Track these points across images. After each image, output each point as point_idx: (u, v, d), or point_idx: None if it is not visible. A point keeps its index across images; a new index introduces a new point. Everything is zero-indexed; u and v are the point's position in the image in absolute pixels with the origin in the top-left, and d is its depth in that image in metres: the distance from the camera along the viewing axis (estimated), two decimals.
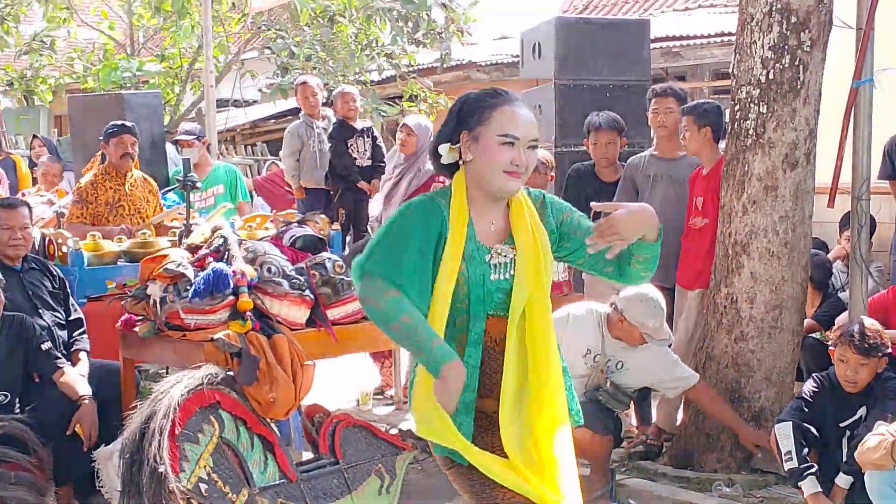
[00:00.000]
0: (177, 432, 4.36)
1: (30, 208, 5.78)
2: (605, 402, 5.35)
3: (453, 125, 3.06)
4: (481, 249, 3.02)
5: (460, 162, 3.07)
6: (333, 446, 5.05)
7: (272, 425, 4.79)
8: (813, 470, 4.81)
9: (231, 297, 4.81)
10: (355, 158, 8.52)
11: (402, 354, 7.30)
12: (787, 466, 4.86)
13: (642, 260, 3.09)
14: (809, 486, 4.78)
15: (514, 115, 2.98)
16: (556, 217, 3.13)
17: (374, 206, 7.86)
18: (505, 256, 3.04)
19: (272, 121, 17.01)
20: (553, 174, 6.80)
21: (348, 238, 8.41)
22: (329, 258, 5.25)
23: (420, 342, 2.88)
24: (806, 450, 4.88)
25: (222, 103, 14.99)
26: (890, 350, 5.09)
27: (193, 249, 5.32)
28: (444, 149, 3.06)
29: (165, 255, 5.17)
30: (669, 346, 5.51)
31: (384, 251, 2.98)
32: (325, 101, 9.27)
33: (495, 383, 2.99)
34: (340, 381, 7.33)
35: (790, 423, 4.90)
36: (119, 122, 7.26)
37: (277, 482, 4.70)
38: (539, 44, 7.59)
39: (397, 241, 2.98)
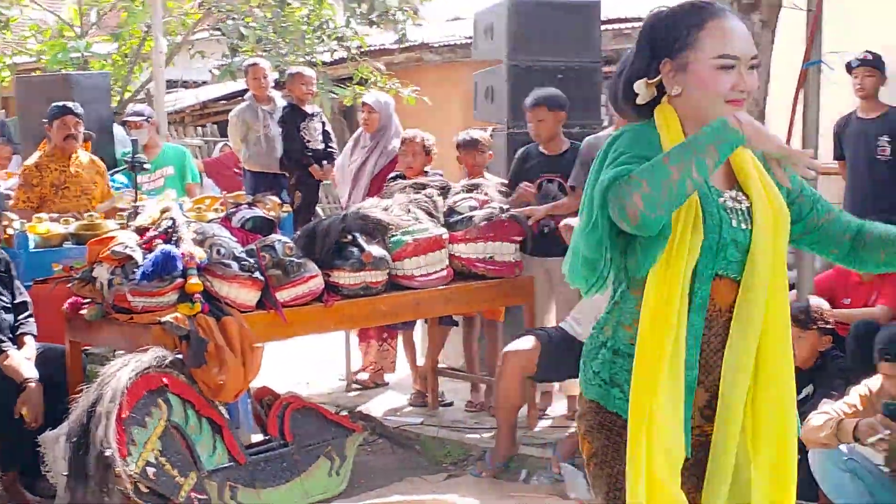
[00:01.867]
0: (124, 416, 4.33)
1: None
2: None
3: (648, 54, 2.49)
4: (712, 190, 2.45)
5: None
6: (283, 429, 5.04)
7: (221, 408, 4.77)
8: None
9: (179, 280, 4.77)
10: (308, 142, 8.45)
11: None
12: None
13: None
14: None
15: (729, 31, 2.43)
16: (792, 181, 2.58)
17: (341, 191, 7.80)
18: (739, 203, 2.47)
19: (222, 102, 16.86)
20: (491, 153, 6.82)
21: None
22: (279, 240, 5.23)
23: (693, 145, 2.30)
24: None
25: (172, 84, 14.82)
26: (832, 327, 5.14)
27: (141, 231, 5.27)
28: (640, 86, 2.49)
29: (113, 238, 5.11)
30: None
31: (598, 185, 2.37)
32: (273, 83, 9.16)
33: (711, 367, 2.44)
34: (291, 363, 7.30)
35: None
36: (62, 103, 7.15)
37: (226, 465, 4.68)
38: (491, 25, 7.57)
39: (615, 160, 2.38)
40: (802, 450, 4.51)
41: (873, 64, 6.80)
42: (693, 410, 2.43)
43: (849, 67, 6.82)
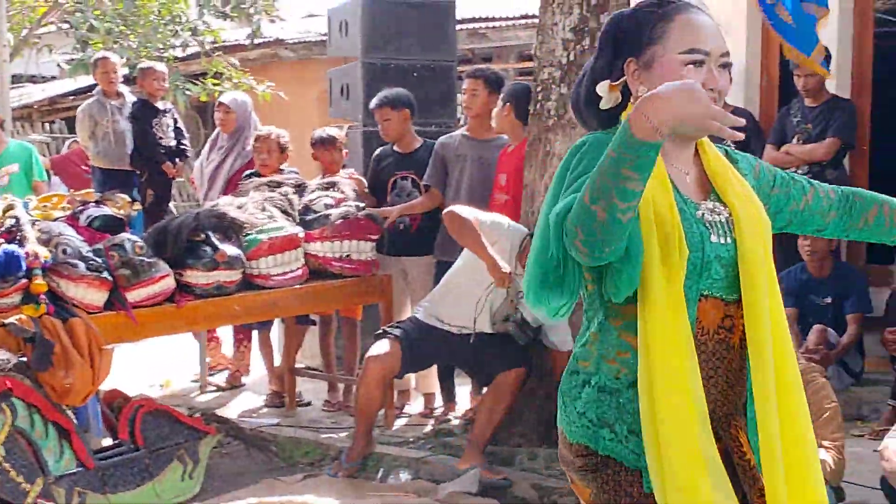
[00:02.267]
0: None
1: None
2: (513, 334, 5.33)
3: (611, 54, 2.27)
4: (688, 204, 2.22)
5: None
6: (134, 432, 4.94)
7: (68, 412, 4.64)
8: None
9: (23, 280, 4.63)
10: (161, 138, 8.29)
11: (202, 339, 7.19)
12: None
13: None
14: None
15: (698, 25, 2.22)
16: (749, 170, 2.40)
17: (199, 191, 7.67)
18: (718, 214, 2.24)
19: (71, 97, 16.43)
20: (347, 151, 6.82)
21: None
22: (129, 239, 5.11)
23: (603, 168, 1.96)
24: None
25: (18, 79, 14.38)
26: None
27: None
28: (602, 87, 2.26)
29: None
30: None
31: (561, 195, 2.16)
32: (123, 78, 8.95)
33: (705, 396, 2.18)
34: (143, 365, 7.16)
35: None
36: None
37: (74, 471, 4.56)
38: (346, 21, 7.55)
39: (574, 182, 2.14)
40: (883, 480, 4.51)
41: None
42: None
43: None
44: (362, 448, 5.44)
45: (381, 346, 5.37)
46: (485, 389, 5.57)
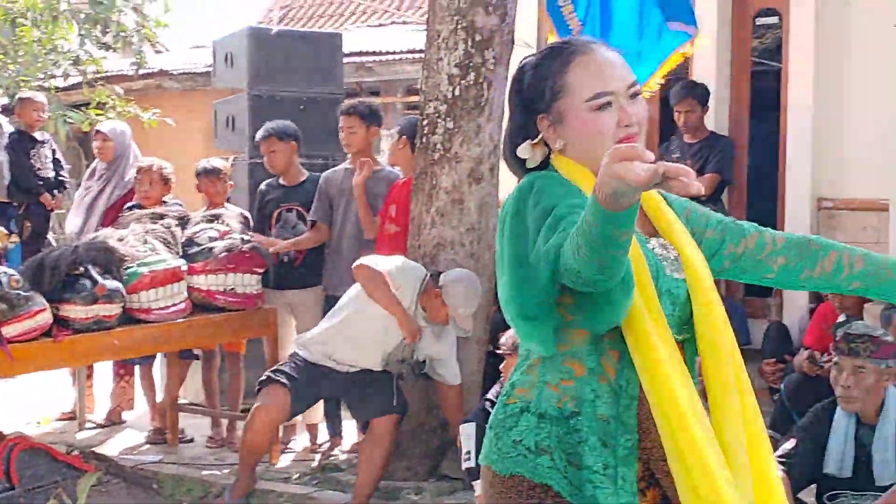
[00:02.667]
0: None
1: None
2: (405, 375, 5.34)
3: (522, 113, 2.26)
4: (639, 237, 2.16)
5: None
6: (9, 471, 4.81)
7: None
8: None
9: None
10: (39, 169, 8.10)
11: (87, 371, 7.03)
12: (464, 465, 4.98)
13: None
14: (479, 487, 4.90)
15: (597, 66, 2.18)
16: (681, 212, 2.34)
17: (73, 220, 7.48)
18: (668, 250, 2.22)
19: None
20: (232, 183, 6.75)
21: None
22: (4, 272, 4.99)
23: (584, 230, 1.84)
24: None
25: None
26: None
27: None
28: (524, 150, 2.25)
29: None
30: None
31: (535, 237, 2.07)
32: (2, 108, 8.74)
33: (647, 431, 2.14)
34: (18, 402, 6.97)
35: (474, 423, 5.04)
36: None
37: None
38: (231, 53, 7.50)
39: (544, 214, 2.07)
40: None
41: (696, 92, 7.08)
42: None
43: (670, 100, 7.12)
44: (246, 485, 5.36)
45: (269, 395, 5.27)
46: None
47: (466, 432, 5.03)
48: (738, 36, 7.44)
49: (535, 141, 2.24)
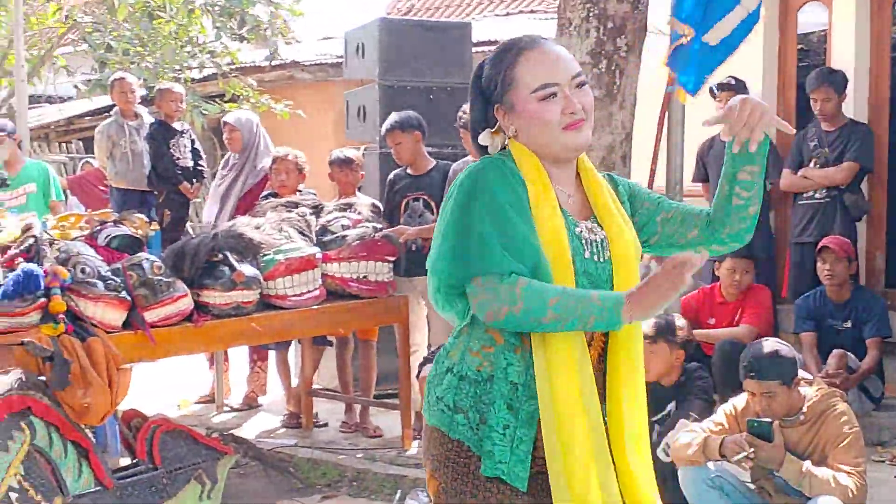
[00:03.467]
0: None
1: None
2: None
3: (480, 105, 2.52)
4: (569, 220, 2.43)
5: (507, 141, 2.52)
6: (151, 452, 4.92)
7: (87, 431, 4.64)
8: None
9: (42, 299, 4.63)
10: (178, 159, 8.31)
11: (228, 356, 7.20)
12: None
13: (747, 198, 2.55)
14: None
15: (542, 60, 2.42)
16: (627, 192, 2.63)
17: (209, 209, 7.68)
18: (595, 234, 2.45)
19: (88, 118, 16.51)
20: (363, 173, 6.83)
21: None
22: (147, 258, 5.12)
23: (581, 307, 2.27)
24: None
25: (35, 99, 14.47)
26: (681, 340, 5.20)
27: (2, 249, 5.11)
28: (485, 138, 2.52)
29: None
30: None
31: (478, 241, 2.32)
32: (141, 99, 8.98)
33: None
34: (160, 385, 7.17)
35: None
36: None
37: (92, 490, 4.55)
38: (363, 44, 7.58)
39: (486, 216, 2.33)
40: (672, 467, 4.62)
41: (735, 89, 7.00)
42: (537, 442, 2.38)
43: (712, 92, 7.01)
44: None
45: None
46: None
47: None
48: (876, 22, 7.22)
49: (494, 130, 2.51)
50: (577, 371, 2.34)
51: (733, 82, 7.01)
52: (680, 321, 5.22)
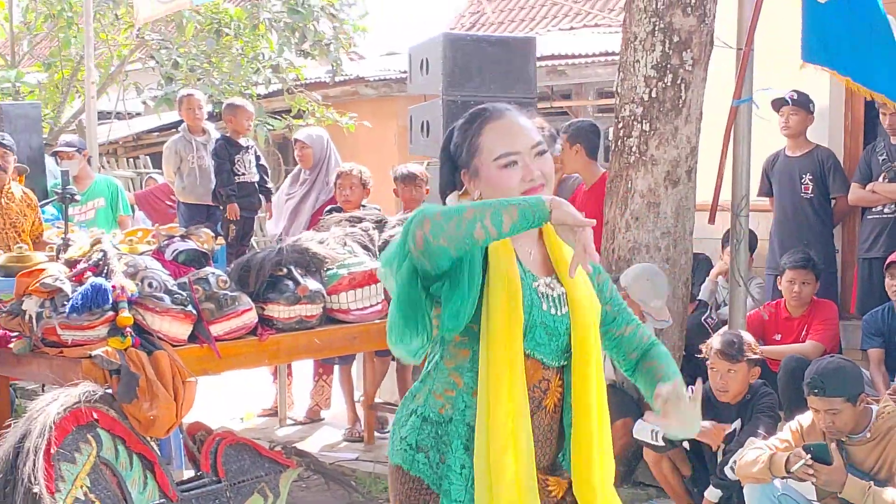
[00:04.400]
0: (52, 451, 4.23)
1: None
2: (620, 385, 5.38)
3: (449, 168, 2.68)
4: (527, 275, 2.58)
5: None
6: (216, 464, 4.96)
7: (152, 444, 4.68)
8: None
9: (110, 313, 4.69)
10: (243, 175, 8.37)
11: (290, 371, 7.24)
12: (659, 441, 4.95)
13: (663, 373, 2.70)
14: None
15: (505, 130, 2.59)
16: (595, 272, 2.73)
17: (273, 224, 7.74)
18: (552, 290, 2.60)
19: (156, 133, 16.74)
20: (429, 188, 6.84)
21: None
22: (213, 273, 5.16)
23: (500, 203, 2.37)
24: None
25: (105, 115, 14.69)
26: (758, 357, 5.20)
27: (71, 264, 5.19)
28: (452, 199, 2.66)
29: (42, 270, 5.02)
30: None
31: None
32: (208, 115, 9.07)
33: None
34: (224, 398, 7.22)
35: (640, 419, 4.99)
36: None
37: (157, 502, 4.59)
38: (427, 59, 7.60)
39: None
40: (728, 485, 4.57)
41: (799, 103, 6.93)
42: None
43: (776, 106, 6.94)
44: None
45: None
46: None
47: (639, 428, 4.98)
48: None
49: (461, 192, 2.64)
50: (515, 414, 2.44)
51: (795, 97, 6.93)
52: (750, 338, 5.17)
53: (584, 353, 2.55)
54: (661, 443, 4.89)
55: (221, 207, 8.44)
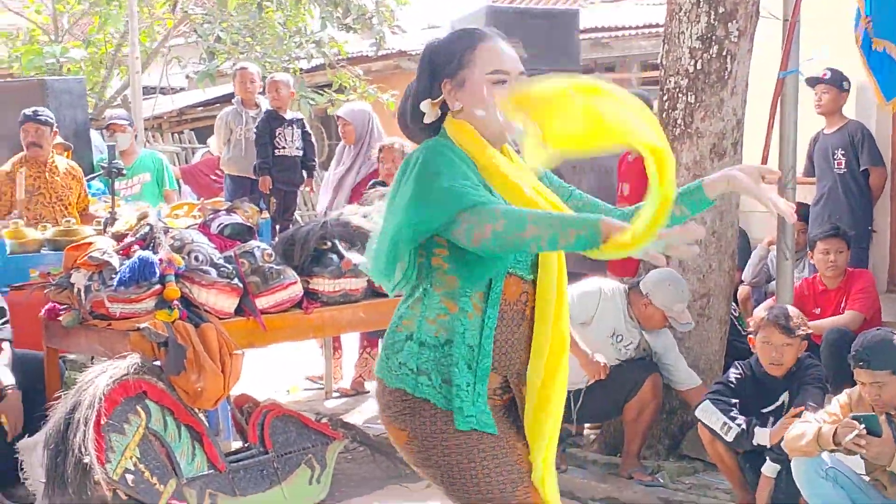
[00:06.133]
0: (102, 423, 4.30)
1: None
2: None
3: (428, 77, 2.75)
4: (496, 194, 2.69)
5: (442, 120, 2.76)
6: (263, 436, 5.02)
7: (200, 415, 4.74)
8: (754, 421, 4.86)
9: (157, 286, 4.74)
10: (282, 148, 8.39)
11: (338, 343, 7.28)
12: (729, 438, 4.87)
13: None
14: (763, 435, 4.82)
15: (499, 50, 2.72)
16: (546, 176, 2.89)
17: (322, 198, 7.77)
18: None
19: (200, 108, 16.82)
20: None
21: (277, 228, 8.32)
22: (258, 246, 5.20)
23: (560, 222, 2.44)
24: (734, 410, 4.93)
25: (149, 90, 14.77)
26: (811, 332, 5.18)
27: (119, 237, 5.24)
28: (425, 105, 2.73)
29: (90, 243, 5.08)
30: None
31: (449, 189, 2.53)
32: (261, 89, 9.08)
33: (504, 355, 2.69)
34: (270, 370, 7.27)
35: (708, 401, 4.96)
36: (24, 111, 7.08)
37: (206, 473, 4.65)
38: None
39: (438, 177, 2.57)
40: (785, 459, 4.54)
41: (831, 81, 6.87)
42: (489, 391, 2.68)
43: (810, 83, 6.88)
44: None
45: None
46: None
47: (707, 409, 4.95)
48: None
49: (436, 101, 2.72)
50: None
51: (828, 75, 6.86)
52: (796, 312, 5.14)
53: (545, 262, 2.68)
54: (730, 439, 4.87)
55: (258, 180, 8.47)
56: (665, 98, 5.68)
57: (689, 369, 5.54)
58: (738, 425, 4.84)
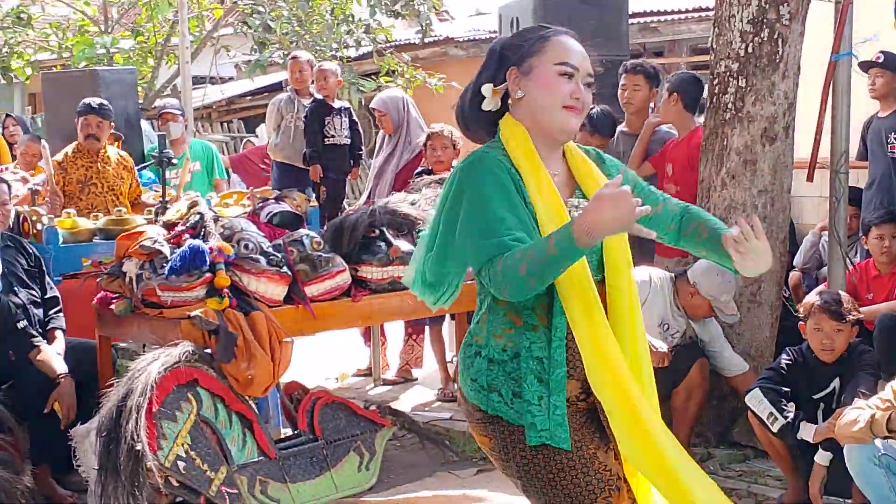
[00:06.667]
0: (154, 410, 4.33)
1: (8, 186, 5.70)
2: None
3: (495, 65, 2.75)
4: (530, 206, 2.67)
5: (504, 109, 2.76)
6: (312, 423, 5.04)
7: (250, 402, 4.77)
8: (801, 415, 4.81)
9: (208, 274, 4.77)
10: (331, 137, 8.42)
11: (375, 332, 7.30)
12: (775, 428, 4.83)
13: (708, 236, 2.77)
14: (808, 430, 4.77)
15: (570, 46, 2.71)
16: (615, 170, 2.85)
17: (365, 187, 7.82)
18: (581, 208, 2.64)
19: (249, 98, 16.91)
20: (459, 149, 6.79)
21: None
22: (307, 234, 5.22)
23: (540, 248, 2.45)
24: (784, 400, 4.88)
25: (198, 80, 14.87)
26: (862, 317, 5.11)
27: (170, 226, 5.28)
28: (487, 89, 2.74)
29: (141, 232, 5.13)
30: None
31: (472, 235, 2.56)
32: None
33: (578, 361, 2.62)
34: (319, 358, 7.31)
35: (758, 388, 4.92)
36: (87, 102, 7.16)
37: (256, 459, 4.68)
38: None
39: (478, 212, 2.57)
40: (836, 446, 4.49)
41: (885, 65, 6.77)
42: (570, 398, 2.65)
43: (864, 68, 6.78)
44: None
45: None
46: None
47: (756, 398, 4.91)
48: None
49: (499, 87, 2.73)
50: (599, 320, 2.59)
51: (881, 59, 6.76)
52: (847, 297, 5.08)
53: (615, 263, 2.67)
54: (775, 429, 4.82)
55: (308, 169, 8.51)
56: (715, 82, 5.62)
57: (737, 355, 5.49)
58: (785, 417, 4.79)
